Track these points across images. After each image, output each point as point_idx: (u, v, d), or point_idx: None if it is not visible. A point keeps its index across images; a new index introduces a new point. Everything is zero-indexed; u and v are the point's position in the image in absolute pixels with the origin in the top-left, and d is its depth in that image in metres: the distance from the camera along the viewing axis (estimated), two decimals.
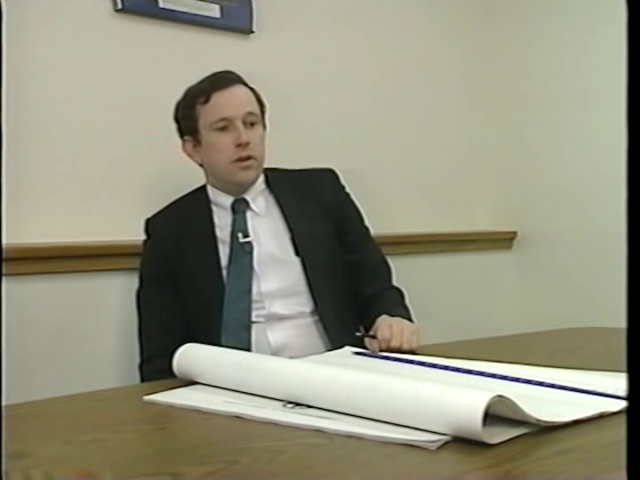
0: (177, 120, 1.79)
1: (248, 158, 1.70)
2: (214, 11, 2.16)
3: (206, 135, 1.72)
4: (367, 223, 1.88)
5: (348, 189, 1.87)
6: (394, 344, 1.44)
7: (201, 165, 1.80)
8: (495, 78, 2.86)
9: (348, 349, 1.41)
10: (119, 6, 1.99)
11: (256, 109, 1.74)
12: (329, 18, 2.45)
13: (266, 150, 1.76)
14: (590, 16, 2.56)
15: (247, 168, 1.71)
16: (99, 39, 1.98)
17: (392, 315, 1.58)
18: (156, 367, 1.57)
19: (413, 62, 2.67)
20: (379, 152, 2.56)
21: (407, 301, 1.79)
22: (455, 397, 0.82)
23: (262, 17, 2.25)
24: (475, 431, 0.78)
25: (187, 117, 1.74)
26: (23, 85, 1.80)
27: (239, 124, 1.69)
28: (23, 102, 1.79)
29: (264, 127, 1.77)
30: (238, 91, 1.73)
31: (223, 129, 1.70)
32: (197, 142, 1.75)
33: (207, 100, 1.70)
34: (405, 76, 2.65)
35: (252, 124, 1.72)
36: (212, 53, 2.14)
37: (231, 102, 1.71)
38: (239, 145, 1.69)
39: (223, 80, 1.72)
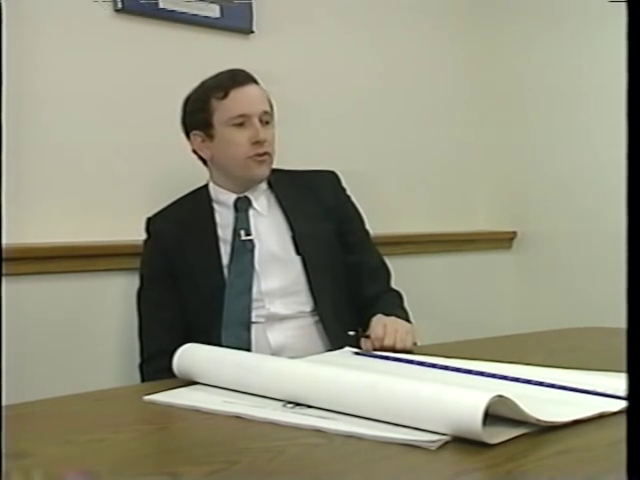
0: (186, 113, 1.78)
1: (264, 154, 1.71)
2: (214, 11, 2.16)
3: (221, 130, 1.72)
4: (368, 227, 1.88)
5: (349, 192, 1.87)
6: (387, 343, 1.44)
7: (204, 163, 1.80)
8: (495, 78, 2.86)
9: (348, 349, 1.41)
10: (119, 6, 1.99)
11: (269, 109, 1.75)
12: (329, 18, 2.45)
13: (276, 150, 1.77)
14: (589, 15, 2.55)
15: (262, 162, 1.72)
16: (99, 39, 1.98)
17: (387, 315, 1.58)
18: (157, 367, 1.57)
19: (413, 62, 2.67)
20: (379, 152, 2.56)
21: (406, 304, 1.79)
22: (455, 397, 0.82)
23: (262, 17, 2.25)
24: (475, 431, 0.78)
25: (200, 110, 1.74)
26: (23, 85, 1.80)
27: (256, 121, 1.70)
28: (23, 102, 1.79)
29: (273, 127, 1.77)
30: (255, 90, 1.74)
31: (239, 125, 1.70)
32: (208, 137, 1.75)
33: (225, 95, 1.71)
34: (405, 76, 2.65)
35: (266, 123, 1.73)
36: (212, 53, 2.14)
37: (249, 99, 1.72)
38: (256, 142, 1.70)
39: (240, 77, 1.73)
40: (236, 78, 1.72)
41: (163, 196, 1.88)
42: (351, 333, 1.56)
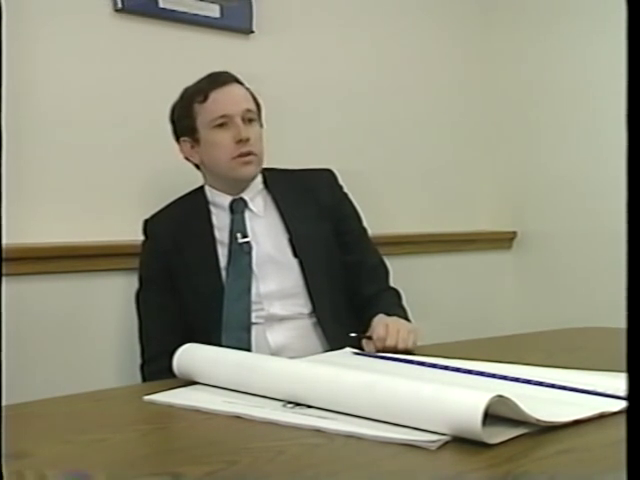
0: (173, 121, 1.79)
1: (248, 154, 1.70)
2: (214, 11, 2.16)
3: (205, 133, 1.72)
4: (365, 224, 1.87)
5: (346, 189, 1.87)
6: (389, 343, 1.43)
7: (198, 168, 1.81)
8: (495, 78, 2.86)
9: (348, 349, 1.41)
10: (119, 6, 1.99)
11: (253, 107, 1.75)
12: (329, 18, 2.45)
13: (264, 148, 1.76)
14: (590, 13, 2.56)
15: (248, 163, 1.71)
16: (99, 39, 1.98)
17: (389, 315, 1.57)
18: (157, 367, 1.57)
19: (413, 62, 2.68)
20: (379, 152, 2.56)
21: (404, 302, 1.79)
22: (455, 397, 0.82)
23: (262, 17, 2.25)
24: (475, 431, 0.78)
25: (185, 117, 1.74)
26: (23, 85, 1.80)
27: (238, 121, 1.70)
28: (23, 102, 1.80)
29: (261, 125, 1.77)
30: (235, 89, 1.74)
31: (222, 126, 1.70)
32: (195, 142, 1.75)
33: (205, 98, 1.71)
34: (405, 76, 2.65)
35: (250, 121, 1.72)
36: (212, 53, 2.14)
37: (229, 99, 1.71)
38: (239, 141, 1.69)
39: (220, 78, 1.73)
40: (215, 80, 1.73)
41: (161, 196, 1.88)
42: (353, 335, 1.55)
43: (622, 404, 0.90)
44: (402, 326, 1.49)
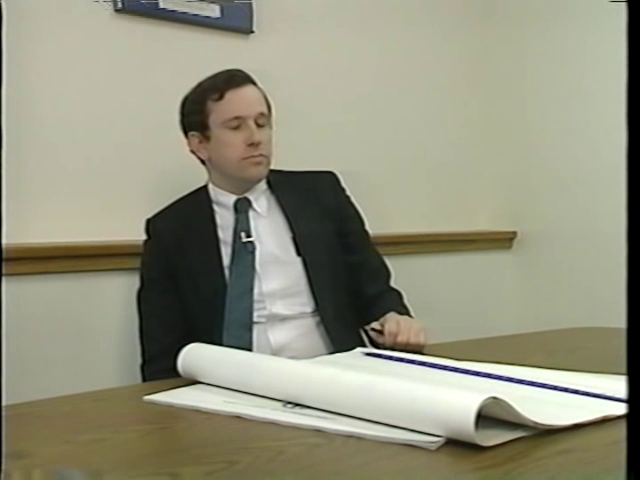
0: (183, 114, 1.79)
1: (259, 156, 1.71)
2: (214, 11, 2.16)
3: (217, 132, 1.72)
4: (367, 227, 1.88)
5: (349, 192, 1.87)
6: (400, 339, 1.45)
7: (203, 163, 1.80)
8: (495, 78, 2.86)
9: (359, 350, 1.41)
10: (119, 6, 1.99)
11: (266, 110, 1.75)
12: (329, 18, 2.45)
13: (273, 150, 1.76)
14: (591, 13, 2.55)
15: (258, 164, 1.72)
16: (99, 39, 1.98)
17: (400, 314, 1.59)
18: (158, 367, 1.58)
19: (413, 62, 2.67)
20: (379, 152, 2.56)
21: (406, 302, 1.79)
22: (448, 399, 0.82)
23: (262, 17, 2.24)
24: (468, 434, 0.77)
25: (197, 112, 1.74)
26: (23, 85, 1.80)
27: (251, 124, 1.70)
28: (23, 102, 1.79)
29: (270, 127, 1.77)
30: (251, 91, 1.73)
31: (235, 127, 1.70)
32: (204, 138, 1.75)
33: (221, 97, 1.70)
34: (405, 76, 2.65)
35: (262, 124, 1.73)
36: (212, 53, 2.13)
37: (245, 101, 1.71)
38: (251, 144, 1.69)
39: (237, 78, 1.72)
40: (232, 79, 1.72)
41: (164, 196, 1.88)
42: (366, 327, 1.56)
43: (624, 407, 0.89)
44: (413, 323, 1.52)
